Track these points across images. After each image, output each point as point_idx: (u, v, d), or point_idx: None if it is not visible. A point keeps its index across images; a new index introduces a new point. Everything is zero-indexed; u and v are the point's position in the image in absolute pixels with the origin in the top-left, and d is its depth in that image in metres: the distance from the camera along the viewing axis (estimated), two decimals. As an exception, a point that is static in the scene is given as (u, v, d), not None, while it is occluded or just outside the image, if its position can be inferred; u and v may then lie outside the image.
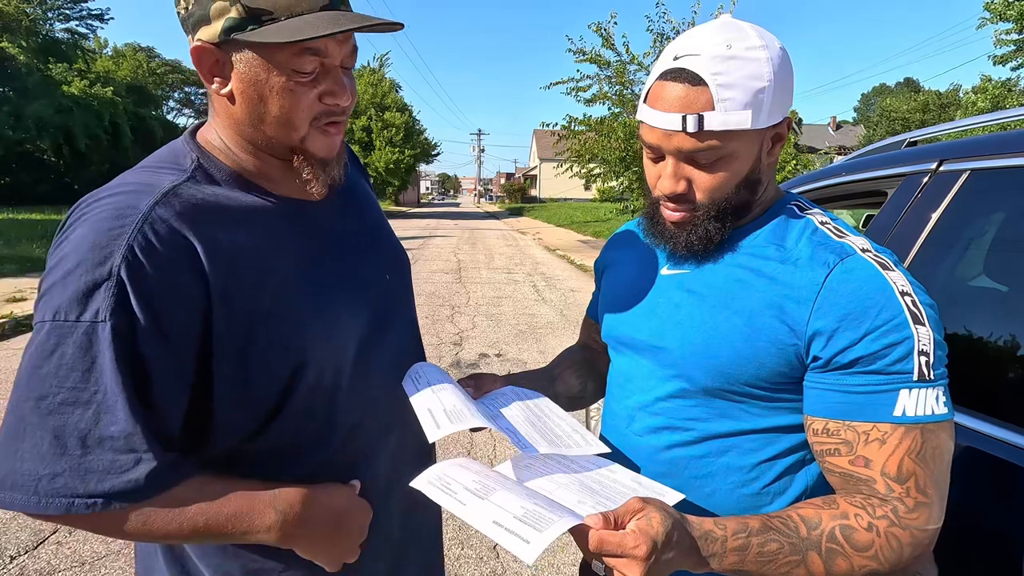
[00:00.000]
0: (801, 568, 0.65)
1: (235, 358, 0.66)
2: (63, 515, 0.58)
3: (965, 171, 1.12)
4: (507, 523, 0.58)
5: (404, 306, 0.88)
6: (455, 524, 2.52)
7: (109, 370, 0.58)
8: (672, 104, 0.71)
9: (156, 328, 0.61)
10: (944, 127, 1.54)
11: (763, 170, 0.77)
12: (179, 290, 0.62)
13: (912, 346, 0.66)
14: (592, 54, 12.27)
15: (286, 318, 0.68)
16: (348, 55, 0.69)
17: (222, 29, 0.63)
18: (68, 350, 0.58)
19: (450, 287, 8.11)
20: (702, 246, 0.77)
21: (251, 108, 0.67)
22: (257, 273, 0.67)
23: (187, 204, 0.65)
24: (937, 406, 0.66)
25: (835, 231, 0.76)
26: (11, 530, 2.37)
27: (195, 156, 0.71)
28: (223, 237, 0.66)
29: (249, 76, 0.65)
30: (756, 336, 0.72)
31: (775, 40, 0.74)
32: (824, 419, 0.70)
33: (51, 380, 0.58)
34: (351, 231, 0.81)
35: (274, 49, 0.64)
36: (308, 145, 0.70)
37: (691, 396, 0.78)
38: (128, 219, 0.61)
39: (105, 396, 0.59)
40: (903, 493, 0.65)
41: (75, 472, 0.58)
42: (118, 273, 0.59)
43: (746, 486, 0.76)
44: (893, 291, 0.68)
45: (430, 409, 0.74)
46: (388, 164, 26.71)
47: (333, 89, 0.68)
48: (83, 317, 0.58)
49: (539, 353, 5.00)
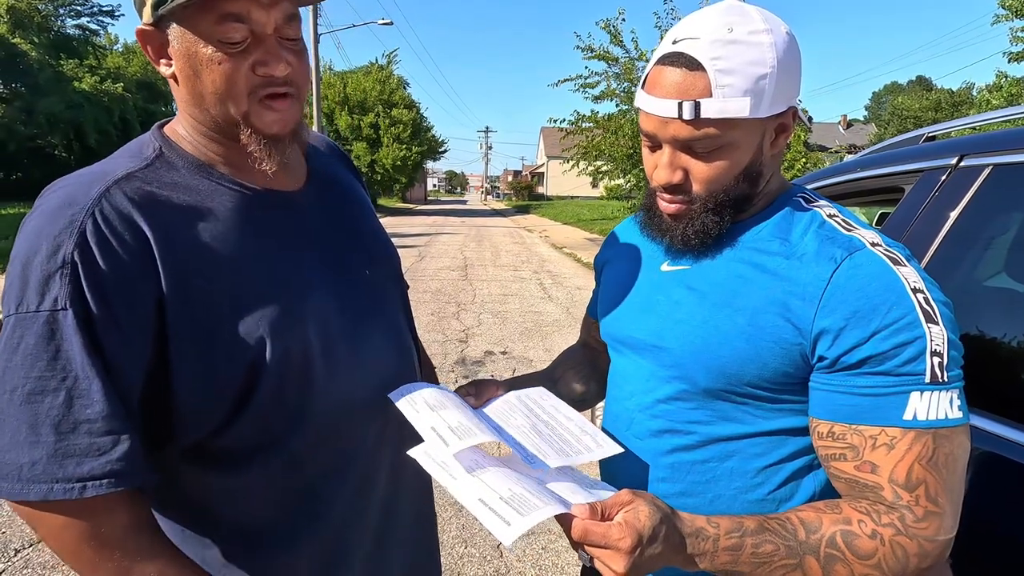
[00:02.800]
0: (797, 572, 0.62)
1: (193, 346, 0.65)
2: (43, 502, 0.59)
3: (987, 166, 1.08)
4: (492, 503, 0.58)
5: (388, 303, 0.86)
6: (458, 523, 2.51)
7: (78, 355, 0.59)
8: (668, 90, 0.68)
9: (109, 315, 0.61)
10: (964, 121, 1.50)
11: (765, 162, 0.74)
12: (130, 277, 0.62)
13: (924, 346, 0.62)
14: (600, 51, 12.20)
15: (245, 306, 0.67)
16: (283, 23, 0.65)
17: (151, 5, 0.63)
18: (31, 340, 0.59)
19: (456, 284, 8.10)
20: (699, 240, 0.74)
21: (190, 86, 0.66)
22: (215, 260, 0.66)
23: (140, 191, 0.65)
24: (951, 410, 0.62)
25: (843, 224, 0.72)
26: (16, 523, 2.38)
27: (158, 145, 0.70)
28: (179, 223, 0.65)
29: (182, 51, 0.64)
30: (759, 335, 0.69)
31: (782, 24, 0.70)
32: (829, 422, 0.66)
33: (19, 371, 0.59)
34: (326, 223, 0.79)
35: (195, 18, 0.62)
36: (253, 120, 0.67)
37: (692, 398, 0.75)
38: (78, 207, 0.61)
39: (76, 381, 0.59)
40: (912, 501, 0.62)
41: (53, 458, 0.58)
42: (71, 260, 0.59)
43: (750, 491, 0.73)
44: (904, 287, 0.64)
45: (434, 428, 0.70)
46: (395, 161, 26.70)
47: (264, 59, 0.65)
48: (42, 306, 0.59)
49: (545, 351, 4.98)
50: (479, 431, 0.70)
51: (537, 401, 0.85)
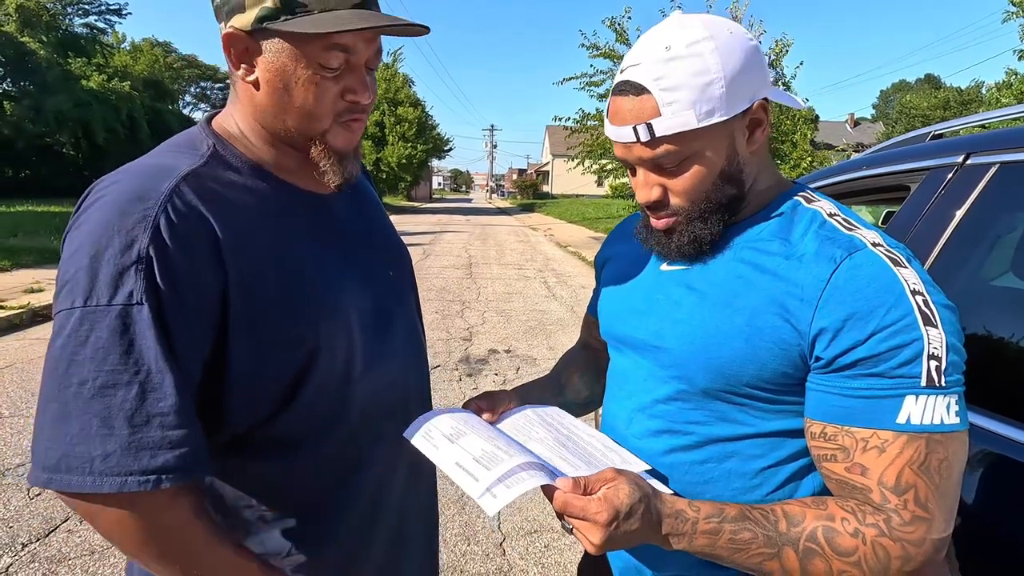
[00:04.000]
0: (774, 561, 0.63)
1: (249, 338, 0.67)
2: (117, 494, 0.59)
3: (994, 164, 1.07)
4: (466, 464, 0.61)
5: (405, 303, 0.89)
6: (461, 520, 2.51)
7: (152, 349, 0.60)
8: (624, 117, 0.72)
9: (180, 309, 0.62)
10: (971, 119, 1.48)
11: (745, 161, 0.73)
12: (201, 271, 0.63)
13: (921, 349, 0.62)
14: (606, 49, 12.16)
15: (299, 305, 0.70)
16: (373, 55, 0.71)
17: (256, 17, 0.66)
18: (103, 334, 0.59)
19: (461, 282, 8.11)
20: (693, 249, 0.75)
21: (275, 97, 0.69)
22: (272, 259, 0.69)
23: (205, 188, 0.66)
24: (947, 416, 0.61)
25: (844, 223, 0.71)
26: (23, 517, 2.40)
27: (211, 143, 0.72)
28: (241, 221, 0.67)
29: (276, 65, 0.67)
30: (757, 336, 0.69)
31: (725, 26, 0.70)
32: (822, 423, 0.66)
33: (89, 364, 0.59)
34: (359, 227, 0.84)
35: (304, 41, 0.66)
36: (329, 138, 0.72)
37: (690, 398, 0.75)
38: (151, 200, 0.62)
39: (149, 375, 0.60)
40: (899, 505, 0.61)
41: (127, 450, 0.59)
42: (147, 254, 0.60)
43: (749, 493, 0.73)
44: (903, 289, 0.63)
45: (459, 463, 0.68)
46: (400, 159, 26.73)
47: (355, 87, 0.70)
48: (115, 300, 0.59)
49: (548, 349, 4.98)
50: (507, 456, 0.67)
51: (556, 418, 0.84)
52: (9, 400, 3.62)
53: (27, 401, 3.60)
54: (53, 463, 0.59)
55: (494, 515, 0.52)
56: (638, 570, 0.82)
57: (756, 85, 0.71)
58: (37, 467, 0.60)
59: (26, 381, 3.92)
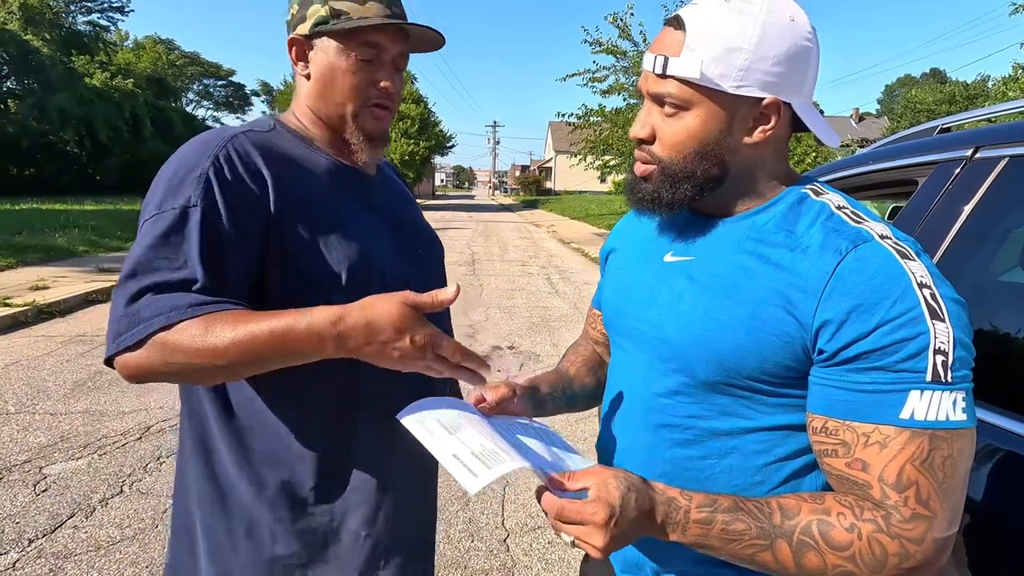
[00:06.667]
0: (767, 553, 0.62)
1: (282, 272, 0.80)
2: (166, 327, 0.70)
3: (1003, 158, 1.06)
4: (464, 457, 0.62)
5: (432, 279, 1.00)
6: (465, 516, 2.52)
7: (195, 241, 0.74)
8: (656, 46, 0.73)
9: (232, 219, 0.76)
10: (979, 112, 1.47)
11: (734, 148, 0.72)
12: (249, 196, 0.79)
13: (927, 343, 0.60)
14: (609, 45, 12.13)
15: (330, 243, 0.83)
16: (400, 55, 0.90)
17: (313, 24, 0.87)
18: (167, 229, 0.75)
19: (464, 279, 8.11)
20: (651, 204, 0.76)
21: (322, 83, 0.89)
22: (311, 201, 0.84)
23: (259, 142, 0.84)
24: (953, 412, 0.59)
25: (852, 216, 0.70)
26: (30, 513, 2.42)
27: (273, 123, 0.92)
28: (286, 170, 0.84)
29: (325, 60, 0.88)
30: (760, 328, 0.67)
31: (789, 12, 0.69)
32: (824, 417, 0.65)
33: (151, 252, 0.74)
34: (394, 208, 0.99)
35: (347, 37, 0.86)
36: (360, 120, 0.90)
37: (691, 392, 0.74)
38: (213, 143, 0.81)
39: (187, 261, 0.74)
40: (900, 502, 0.60)
41: (149, 303, 0.72)
42: (205, 174, 0.77)
43: (750, 490, 0.71)
44: (910, 281, 0.62)
45: (456, 455, 0.65)
46: (403, 156, 26.73)
47: (384, 77, 0.89)
48: (176, 204, 0.75)
49: (552, 345, 4.98)
50: (507, 456, 0.65)
51: (547, 438, 0.82)
52: (15, 396, 3.63)
53: (32, 398, 3.62)
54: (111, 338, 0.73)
55: (475, 493, 0.53)
56: (639, 565, 0.81)
57: (782, 83, 0.69)
58: (107, 343, 0.74)
59: (31, 378, 3.93)
